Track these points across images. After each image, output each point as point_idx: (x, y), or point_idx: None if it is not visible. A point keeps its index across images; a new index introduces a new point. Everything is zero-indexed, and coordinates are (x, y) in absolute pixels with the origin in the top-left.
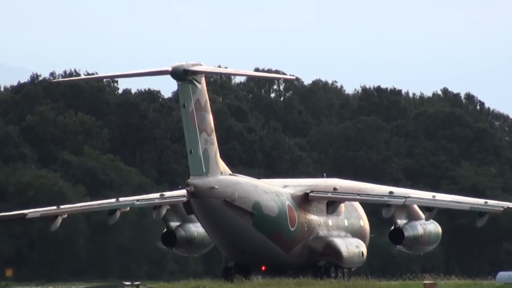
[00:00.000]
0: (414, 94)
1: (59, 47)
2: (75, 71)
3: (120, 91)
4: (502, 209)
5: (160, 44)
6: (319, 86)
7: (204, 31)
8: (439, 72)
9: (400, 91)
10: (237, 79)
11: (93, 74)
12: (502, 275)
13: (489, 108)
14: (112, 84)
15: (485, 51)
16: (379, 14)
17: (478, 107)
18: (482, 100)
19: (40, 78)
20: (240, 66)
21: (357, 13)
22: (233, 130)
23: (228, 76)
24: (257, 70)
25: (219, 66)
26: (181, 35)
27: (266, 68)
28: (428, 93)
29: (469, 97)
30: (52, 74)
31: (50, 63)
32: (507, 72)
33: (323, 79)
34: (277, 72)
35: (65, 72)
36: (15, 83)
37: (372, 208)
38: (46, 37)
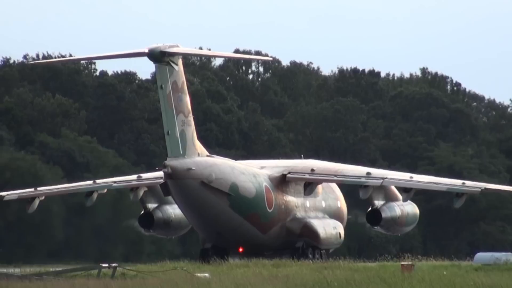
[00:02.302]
0: (393, 75)
1: (31, 29)
2: (47, 53)
3: (98, 73)
4: (479, 190)
5: (138, 25)
6: (298, 68)
7: (185, 11)
8: (418, 52)
9: (379, 73)
10: (217, 61)
11: (68, 56)
12: (480, 255)
13: (465, 88)
14: (90, 66)
15: (463, 33)
16: None
17: (454, 88)
18: (459, 80)
19: (11, 61)
20: (222, 47)
21: None
22: (211, 111)
23: (207, 57)
24: (237, 51)
25: (201, 48)
26: (159, 15)
27: (246, 49)
28: (406, 73)
29: (445, 78)
30: (25, 56)
31: (22, 46)
32: (485, 54)
33: (299, 61)
34: (257, 53)
35: (37, 55)
36: None
37: (350, 189)
38: (16, 19)
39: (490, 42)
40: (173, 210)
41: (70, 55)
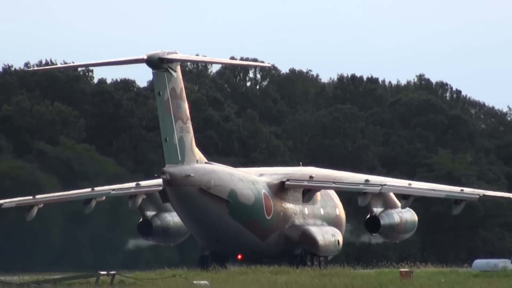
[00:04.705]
0: (390, 82)
1: (32, 37)
2: (50, 61)
3: (95, 80)
4: (478, 196)
5: (136, 33)
6: (296, 75)
7: (181, 19)
8: (416, 59)
9: (377, 79)
10: (213, 68)
11: (68, 63)
12: (478, 262)
13: (465, 95)
14: (87, 73)
15: (462, 38)
16: (352, 1)
17: (454, 95)
18: (458, 87)
19: (13, 69)
20: (219, 55)
21: (331, 0)
22: (211, 119)
23: (205, 64)
24: (233, 58)
25: (197, 55)
26: (155, 24)
27: (243, 57)
28: (404, 80)
29: (443, 84)
30: (26, 64)
31: (24, 53)
32: (484, 60)
33: (298, 68)
34: (254, 60)
35: (40, 62)
36: None
37: (348, 196)
38: (19, 27)
39: (490, 48)
40: (172, 218)
41: (73, 63)
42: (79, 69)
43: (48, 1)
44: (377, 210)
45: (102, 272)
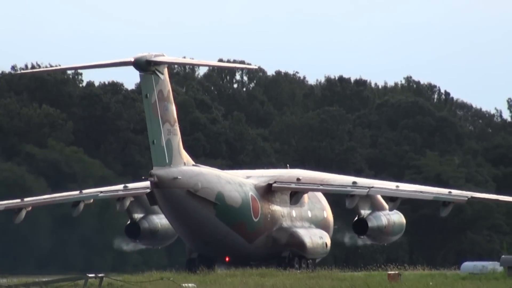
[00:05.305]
0: (376, 84)
1: (19, 40)
2: (37, 63)
3: (84, 83)
4: (466, 199)
5: (123, 36)
6: (282, 77)
7: (168, 22)
8: (403, 61)
9: (365, 81)
10: (201, 71)
11: (56, 66)
12: (467, 265)
13: (452, 97)
14: (76, 76)
15: (450, 40)
16: (339, 2)
17: (443, 97)
18: (447, 90)
19: (0, 72)
20: (206, 57)
21: (318, 2)
22: (199, 122)
23: (192, 67)
24: (220, 61)
25: (184, 57)
26: (144, 25)
27: (230, 59)
28: (391, 82)
29: (431, 86)
30: (13, 67)
31: (10, 56)
32: (472, 61)
33: (285, 70)
34: (241, 63)
35: (26, 65)
36: None
37: (336, 198)
38: (4, 30)
39: (477, 50)
40: (160, 220)
41: (59, 65)
42: (69, 72)
43: (34, 3)
44: (364, 212)
45: (90, 275)
